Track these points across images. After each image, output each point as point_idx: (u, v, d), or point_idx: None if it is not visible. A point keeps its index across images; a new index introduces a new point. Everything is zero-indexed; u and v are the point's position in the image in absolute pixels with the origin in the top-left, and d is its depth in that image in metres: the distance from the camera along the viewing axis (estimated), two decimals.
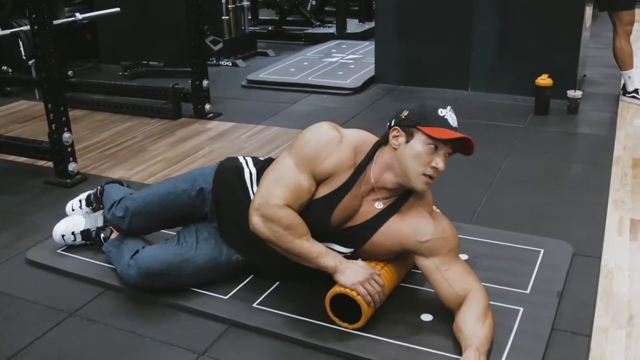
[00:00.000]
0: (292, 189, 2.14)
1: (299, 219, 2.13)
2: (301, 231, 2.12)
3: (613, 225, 2.91)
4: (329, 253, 2.15)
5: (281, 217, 2.10)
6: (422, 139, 2.09)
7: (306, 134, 2.23)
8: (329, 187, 2.17)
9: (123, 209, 2.53)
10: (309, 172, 2.15)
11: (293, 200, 2.13)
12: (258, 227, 2.13)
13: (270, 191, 2.15)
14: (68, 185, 3.50)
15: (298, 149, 2.20)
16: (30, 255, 2.73)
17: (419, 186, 2.13)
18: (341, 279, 2.11)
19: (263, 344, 2.16)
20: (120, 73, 6.08)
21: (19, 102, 5.26)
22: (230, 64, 6.50)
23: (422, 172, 2.10)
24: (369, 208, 2.23)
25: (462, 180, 3.28)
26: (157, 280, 2.35)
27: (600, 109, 4.71)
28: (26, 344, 2.18)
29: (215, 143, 4.19)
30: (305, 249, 2.12)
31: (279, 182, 2.16)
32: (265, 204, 2.12)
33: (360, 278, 2.10)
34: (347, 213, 2.21)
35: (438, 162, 2.08)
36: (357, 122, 4.39)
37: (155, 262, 2.34)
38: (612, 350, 2.08)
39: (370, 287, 2.10)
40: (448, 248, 2.17)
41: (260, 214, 2.12)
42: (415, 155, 2.09)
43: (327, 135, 2.18)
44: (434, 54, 5.32)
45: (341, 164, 2.16)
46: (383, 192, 2.22)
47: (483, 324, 2.03)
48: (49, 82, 3.44)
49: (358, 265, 2.14)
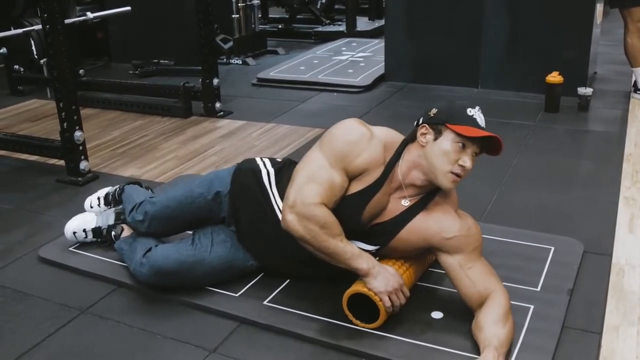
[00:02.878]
0: (326, 186, 2.11)
1: (333, 218, 2.10)
2: (336, 231, 2.09)
3: (624, 223, 2.90)
4: (362, 255, 2.13)
5: (317, 215, 2.07)
6: (450, 137, 2.08)
7: (336, 130, 2.21)
8: (361, 183, 2.16)
9: (143, 213, 2.54)
10: (342, 169, 2.13)
11: (328, 198, 2.10)
12: (292, 224, 2.09)
13: (304, 188, 2.11)
14: (80, 184, 3.52)
15: (329, 145, 2.17)
16: (43, 252, 2.75)
17: (446, 184, 2.12)
18: (372, 284, 2.09)
19: (274, 341, 2.17)
20: (131, 72, 6.10)
21: (31, 101, 5.29)
22: (240, 62, 6.51)
23: (450, 170, 2.09)
24: (395, 205, 2.21)
25: (472, 178, 3.24)
26: (168, 279, 2.36)
27: (611, 106, 4.69)
28: (38, 341, 2.19)
29: (225, 141, 4.20)
30: (340, 248, 2.10)
31: (312, 179, 2.12)
32: (300, 202, 2.08)
33: (390, 288, 2.09)
34: (376, 210, 2.20)
35: (466, 161, 2.07)
36: (367, 120, 4.33)
37: (167, 262, 2.34)
38: (623, 348, 2.08)
39: (396, 298, 2.11)
40: (472, 246, 2.17)
41: (296, 212, 2.08)
42: (443, 153, 2.09)
43: (358, 131, 2.17)
44: (444, 52, 5.31)
45: (373, 161, 2.15)
46: (410, 190, 2.21)
47: (504, 325, 2.03)
48: (60, 80, 3.46)
49: (390, 273, 2.12)
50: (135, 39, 6.41)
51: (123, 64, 6.36)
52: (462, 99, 4.86)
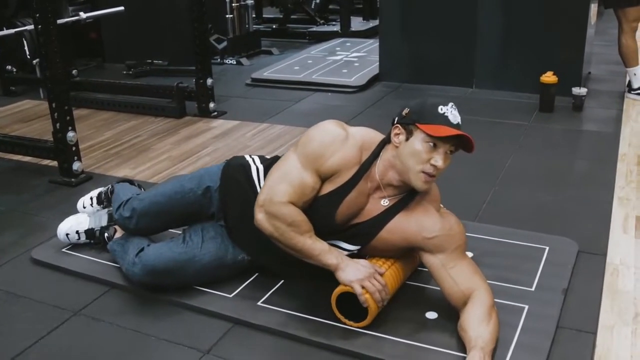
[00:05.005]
0: (296, 186, 2.14)
1: (302, 216, 2.13)
2: (304, 228, 2.13)
3: (618, 223, 2.90)
4: (332, 251, 2.15)
5: (284, 214, 2.11)
6: (420, 137, 2.08)
7: (311, 132, 2.23)
8: (333, 184, 2.17)
9: (130, 209, 2.54)
10: (313, 170, 2.15)
11: (297, 198, 2.14)
12: (262, 223, 2.15)
13: (274, 188, 2.15)
14: (72, 185, 3.51)
15: (303, 146, 2.20)
16: (35, 254, 2.73)
17: (418, 184, 2.11)
18: (341, 276, 2.11)
19: (268, 342, 2.16)
20: (125, 72, 6.08)
21: (23, 102, 5.26)
22: (234, 62, 6.50)
23: (421, 170, 2.08)
24: (375, 205, 2.22)
25: (466, 178, 3.28)
26: (161, 278, 2.36)
27: (606, 106, 4.69)
28: (31, 342, 2.18)
29: (219, 141, 4.19)
30: (307, 246, 2.13)
31: (283, 179, 2.16)
32: (269, 200, 2.13)
33: (360, 276, 2.09)
34: (352, 210, 2.20)
35: (437, 160, 2.07)
36: (361, 120, 4.39)
37: (160, 260, 2.34)
38: (618, 348, 2.07)
39: (371, 285, 2.09)
40: (454, 245, 2.16)
41: (265, 211, 2.14)
42: (414, 153, 2.08)
43: (332, 133, 2.19)
44: (439, 52, 5.30)
45: (346, 162, 2.16)
46: (389, 190, 2.21)
47: (488, 324, 2.02)
48: (53, 81, 3.44)
49: (360, 264, 2.14)
50: (129, 39, 6.39)
51: (116, 64, 6.34)
52: (456, 99, 4.87)
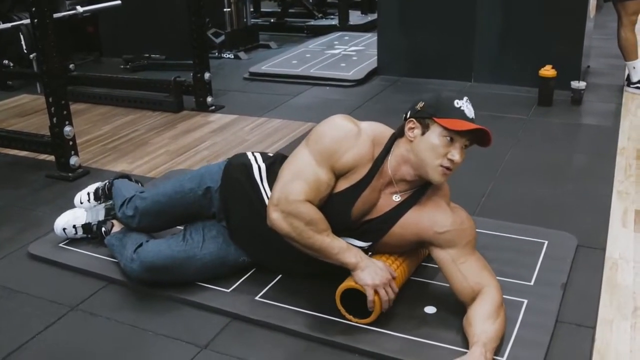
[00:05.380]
0: (311, 183, 2.09)
1: (319, 214, 2.08)
2: (322, 226, 2.08)
3: (617, 217, 2.89)
4: (351, 249, 2.11)
5: (302, 212, 2.06)
6: (437, 131, 2.06)
7: (322, 128, 2.18)
8: (348, 180, 2.13)
9: (133, 208, 2.52)
10: (328, 167, 2.11)
11: (313, 195, 2.09)
12: (278, 222, 2.08)
13: (289, 186, 2.09)
14: (70, 179, 3.49)
15: (315, 142, 2.15)
16: (32, 249, 2.72)
17: (436, 178, 2.09)
18: (359, 276, 2.07)
19: (266, 337, 2.15)
20: (122, 66, 6.06)
21: (20, 96, 5.24)
22: (232, 56, 6.48)
23: (439, 164, 2.06)
24: (387, 201, 2.19)
25: (465, 172, 3.23)
26: (159, 275, 2.34)
27: (605, 100, 4.68)
28: (28, 338, 2.17)
29: (217, 136, 4.18)
30: (326, 244, 2.08)
31: (298, 177, 2.10)
32: (284, 199, 2.07)
33: (377, 281, 2.07)
34: (366, 206, 2.17)
35: (454, 154, 2.05)
36: (360, 114, 4.35)
37: (158, 257, 2.32)
38: (617, 342, 2.07)
39: (384, 293, 2.08)
40: (465, 240, 2.15)
41: (280, 210, 2.07)
42: (431, 147, 2.06)
43: (344, 128, 2.15)
44: (437, 45, 5.28)
45: (360, 158, 2.12)
46: (401, 185, 2.18)
47: (494, 321, 2.01)
48: (50, 75, 3.42)
49: (378, 267, 2.10)
50: (126, 33, 6.36)
51: (114, 59, 6.31)
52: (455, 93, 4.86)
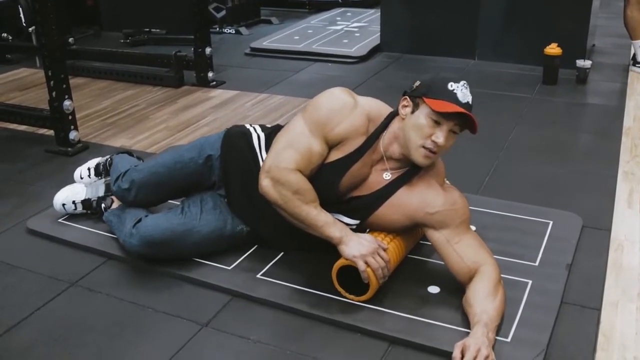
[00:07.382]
0: (303, 153, 2.10)
1: (308, 185, 2.09)
2: (309, 197, 2.09)
3: (623, 197, 2.86)
4: (336, 223, 2.11)
5: (291, 180, 2.07)
6: (425, 111, 2.03)
7: (319, 99, 2.19)
8: (340, 152, 2.13)
9: (129, 181, 2.49)
10: (321, 137, 2.11)
11: (304, 165, 2.10)
12: (267, 189, 2.10)
13: (281, 154, 2.11)
14: (69, 154, 3.46)
15: (311, 113, 2.16)
16: (31, 224, 2.69)
17: (418, 158, 2.07)
18: (345, 251, 2.07)
19: (267, 315, 2.13)
20: (122, 40, 6.00)
21: (19, 70, 5.19)
22: (233, 31, 6.41)
23: (422, 145, 2.04)
24: (377, 178, 2.18)
25: (469, 151, 3.23)
26: (159, 250, 2.32)
27: (610, 79, 4.63)
28: (27, 314, 2.15)
29: (218, 111, 4.14)
30: (312, 216, 2.09)
31: (290, 146, 2.12)
32: (275, 167, 2.09)
33: (364, 251, 2.05)
34: (356, 180, 2.17)
35: (439, 137, 2.02)
36: (362, 91, 4.29)
37: (157, 231, 2.30)
38: (622, 324, 2.05)
39: (374, 261, 2.05)
40: (459, 220, 2.12)
41: (270, 177, 2.09)
42: (417, 126, 2.04)
43: (340, 100, 2.15)
44: (441, 22, 5.22)
45: (354, 130, 2.12)
46: (391, 163, 2.17)
47: (494, 299, 1.99)
48: (48, 49, 3.38)
49: (364, 239, 2.09)
50: (127, 7, 6.29)
51: (114, 33, 6.25)
52: (458, 71, 4.82)
